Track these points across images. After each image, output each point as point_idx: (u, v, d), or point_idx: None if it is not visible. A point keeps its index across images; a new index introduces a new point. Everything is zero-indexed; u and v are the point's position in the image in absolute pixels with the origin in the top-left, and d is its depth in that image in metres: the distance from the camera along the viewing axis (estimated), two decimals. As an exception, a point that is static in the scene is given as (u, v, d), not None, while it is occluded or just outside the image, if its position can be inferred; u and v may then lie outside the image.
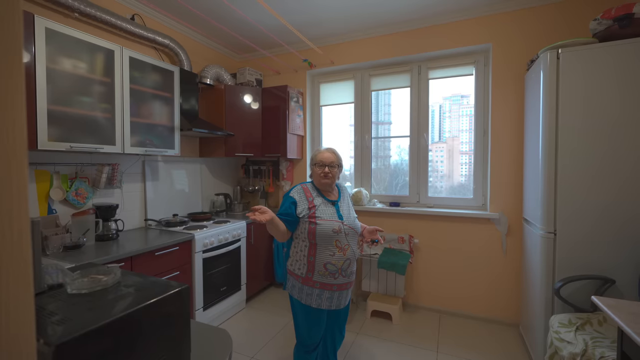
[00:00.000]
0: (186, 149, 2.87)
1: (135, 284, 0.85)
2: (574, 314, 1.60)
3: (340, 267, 1.45)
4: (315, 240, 1.42)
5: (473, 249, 2.54)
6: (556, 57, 1.75)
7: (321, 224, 1.43)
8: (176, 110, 2.34)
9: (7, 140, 0.39)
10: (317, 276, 1.44)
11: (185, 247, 2.15)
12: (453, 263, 2.61)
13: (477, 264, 2.53)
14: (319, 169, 1.53)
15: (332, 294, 1.45)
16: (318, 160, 1.55)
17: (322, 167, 1.53)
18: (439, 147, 2.87)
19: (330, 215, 1.47)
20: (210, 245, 2.32)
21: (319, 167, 1.53)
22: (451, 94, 2.85)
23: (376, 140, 3.10)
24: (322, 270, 1.43)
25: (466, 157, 2.76)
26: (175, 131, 2.33)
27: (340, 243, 1.45)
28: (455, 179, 2.83)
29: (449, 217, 2.59)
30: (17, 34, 0.40)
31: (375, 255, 2.65)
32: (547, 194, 1.77)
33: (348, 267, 1.48)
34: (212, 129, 2.60)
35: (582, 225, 1.69)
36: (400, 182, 2.99)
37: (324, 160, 1.55)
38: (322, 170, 1.53)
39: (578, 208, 1.70)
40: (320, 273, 1.43)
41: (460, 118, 2.80)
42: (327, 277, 1.43)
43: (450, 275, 2.62)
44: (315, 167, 1.55)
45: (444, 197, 2.76)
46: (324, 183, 1.52)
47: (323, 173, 1.53)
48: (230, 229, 2.54)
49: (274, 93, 3.00)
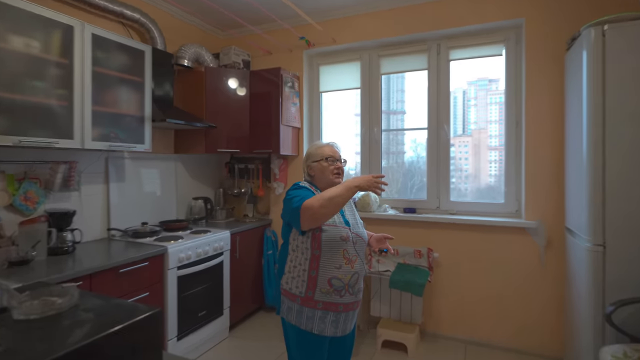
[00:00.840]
0: (159, 144, 2.87)
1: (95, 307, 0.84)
2: (629, 345, 1.59)
3: (348, 283, 1.46)
4: (319, 251, 1.44)
5: (505, 265, 2.53)
6: (601, 34, 1.75)
7: (328, 230, 1.45)
8: (147, 97, 2.33)
9: None
10: (319, 294, 1.44)
11: (156, 262, 2.14)
12: (481, 282, 2.60)
13: (509, 283, 2.52)
14: (329, 164, 1.57)
15: (337, 317, 1.45)
16: (327, 154, 1.59)
17: (334, 162, 1.58)
18: (463, 142, 2.87)
19: (337, 220, 1.50)
20: (187, 260, 2.32)
21: (331, 162, 1.58)
22: (477, 78, 2.86)
23: (387, 134, 3.11)
24: (326, 287, 1.44)
25: (496, 153, 2.76)
26: (145, 122, 2.32)
27: (347, 253, 1.47)
28: (483, 180, 2.83)
29: (476, 225, 2.60)
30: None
31: (387, 272, 2.64)
32: (593, 198, 1.76)
33: (356, 282, 1.49)
34: (189, 120, 2.61)
35: (636, 237, 1.68)
36: (417, 183, 2.99)
37: (334, 155, 1.60)
38: (336, 166, 1.57)
39: (632, 215, 1.69)
40: (323, 291, 1.44)
41: (487, 106, 2.81)
42: (331, 295, 1.44)
43: (477, 297, 2.61)
44: (321, 163, 1.58)
45: (469, 201, 2.76)
46: (337, 182, 1.54)
47: (337, 169, 1.57)
48: (211, 240, 2.53)
49: (265, 77, 3.01)
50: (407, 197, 3.02)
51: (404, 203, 2.94)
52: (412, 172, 3.05)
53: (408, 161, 3.08)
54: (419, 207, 2.87)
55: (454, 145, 2.84)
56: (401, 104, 3.16)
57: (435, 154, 2.83)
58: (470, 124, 2.88)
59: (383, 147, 3.08)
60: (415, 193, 3.01)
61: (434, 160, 2.83)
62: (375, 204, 2.91)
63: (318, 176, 1.59)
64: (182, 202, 3.07)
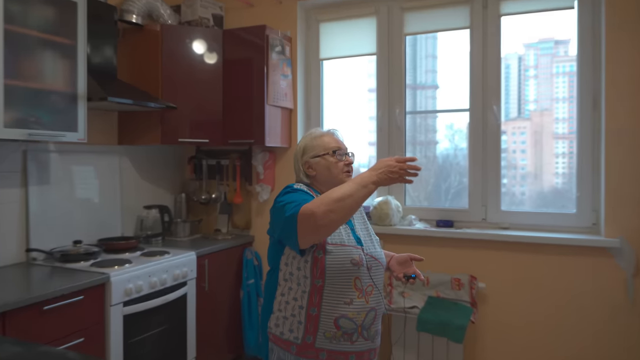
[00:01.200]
0: (97, 132, 2.84)
1: (12, 357, 0.83)
2: None
3: (361, 323, 1.46)
4: (322, 280, 1.44)
5: (578, 300, 2.51)
6: None
7: (334, 251, 1.46)
8: (80, 67, 2.31)
9: None
10: (322, 340, 1.44)
11: (94, 296, 2.12)
12: (544, 323, 2.57)
13: (585, 325, 2.50)
14: (336, 159, 1.60)
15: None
16: (333, 146, 1.61)
17: (341, 155, 1.61)
18: (519, 127, 2.85)
19: (345, 237, 1.51)
20: (137, 293, 2.31)
21: (338, 156, 1.60)
22: (538, 39, 2.83)
23: (413, 117, 3.08)
24: (332, 330, 1.44)
25: (564, 143, 2.74)
26: (78, 102, 2.31)
27: (360, 283, 1.47)
28: (546, 181, 2.80)
29: (537, 245, 2.59)
30: None
31: (414, 309, 2.61)
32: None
33: (372, 322, 1.49)
34: (139, 99, 2.60)
35: None
36: (454, 185, 2.97)
37: (341, 147, 1.63)
38: (346, 161, 1.61)
39: None
40: (328, 335, 1.44)
41: (553, 78, 2.78)
42: (339, 340, 1.44)
43: (539, 343, 2.59)
44: (326, 158, 1.60)
45: (528, 211, 2.75)
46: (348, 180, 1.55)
47: (347, 165, 1.60)
48: (170, 265, 2.52)
49: (244, 39, 2.99)
50: (440, 205, 2.98)
51: (437, 213, 2.91)
52: (448, 170, 3.04)
53: (442, 155, 3.07)
54: (457, 220, 2.85)
55: (505, 132, 2.82)
56: (432, 76, 3.15)
57: (480, 144, 2.82)
58: (528, 104, 2.87)
59: (407, 135, 3.06)
60: (452, 199, 2.99)
61: (478, 154, 2.82)
62: (397, 215, 2.89)
63: (322, 176, 1.60)
64: (129, 212, 3.04)
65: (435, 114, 3.07)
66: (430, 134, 3.13)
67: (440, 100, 3.07)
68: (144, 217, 3.05)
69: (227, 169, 3.32)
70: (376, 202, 2.93)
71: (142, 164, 3.17)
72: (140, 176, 3.16)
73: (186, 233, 3.18)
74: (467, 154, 2.88)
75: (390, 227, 2.85)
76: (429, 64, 3.17)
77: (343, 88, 3.30)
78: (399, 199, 3.00)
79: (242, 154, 3.29)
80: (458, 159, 2.99)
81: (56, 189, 2.60)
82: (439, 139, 3.09)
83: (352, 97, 3.29)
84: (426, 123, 3.13)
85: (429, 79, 3.15)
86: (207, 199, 3.32)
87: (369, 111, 3.20)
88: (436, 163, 3.06)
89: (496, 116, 2.79)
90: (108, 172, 2.91)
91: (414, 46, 3.11)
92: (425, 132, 3.12)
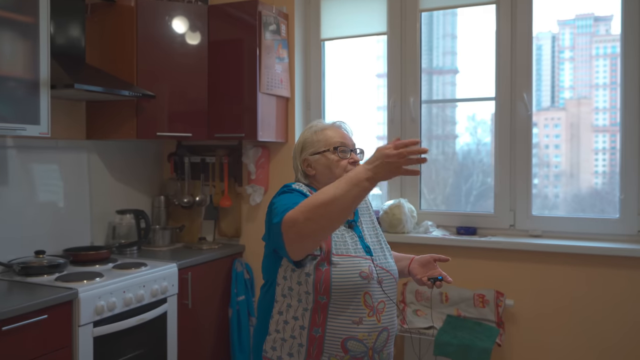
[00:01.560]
0: (62, 125, 2.83)
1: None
2: None
3: (373, 346, 1.47)
4: (327, 297, 1.44)
5: (625, 317, 2.50)
6: None
7: (340, 263, 1.46)
8: (43, 49, 2.31)
9: None
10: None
11: (60, 315, 2.11)
12: (586, 348, 2.55)
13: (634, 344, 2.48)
14: (339, 157, 1.60)
15: None
16: (336, 141, 1.62)
17: (345, 152, 1.61)
18: (552, 119, 2.84)
19: (352, 247, 1.52)
20: (109, 311, 2.31)
21: (341, 153, 1.61)
22: (575, 16, 2.81)
23: (429, 106, 3.06)
24: (339, 354, 1.45)
25: (605, 137, 2.73)
26: (40, 90, 2.30)
27: (371, 299, 1.48)
28: (584, 181, 2.78)
29: (574, 255, 2.57)
30: None
31: (430, 330, 2.59)
32: None
33: (385, 344, 1.50)
34: (111, 86, 2.59)
35: None
36: (476, 186, 2.97)
37: (346, 142, 1.63)
38: (350, 159, 1.61)
39: None
40: (333, 359, 1.45)
41: (592, 61, 2.77)
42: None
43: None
44: (327, 155, 1.61)
45: (563, 216, 2.74)
46: None
47: (352, 164, 1.60)
48: (147, 279, 2.52)
49: (233, 16, 2.98)
50: (461, 209, 2.98)
51: (457, 219, 2.90)
52: (470, 169, 3.03)
53: (463, 151, 3.07)
54: (481, 226, 2.84)
55: (537, 124, 2.81)
56: (451, 59, 3.14)
57: (507, 139, 2.81)
58: (563, 91, 2.86)
59: (423, 127, 3.06)
60: (475, 203, 2.98)
61: (505, 150, 2.81)
62: (411, 221, 2.88)
63: (322, 176, 1.61)
64: (100, 218, 3.04)
65: (455, 103, 3.08)
66: (449, 126, 3.12)
67: (460, 87, 3.06)
68: (116, 223, 3.03)
69: (214, 167, 3.30)
70: (386, 206, 2.91)
71: (115, 162, 3.15)
72: (113, 176, 3.14)
73: (166, 242, 3.17)
74: (493, 151, 2.87)
75: (403, 234, 2.84)
76: (447, 45, 3.16)
77: (348, 73, 3.28)
78: (413, 202, 2.99)
79: (231, 150, 3.27)
80: (481, 155, 2.99)
81: (14, 192, 2.59)
82: (458, 133, 3.08)
83: (359, 84, 3.28)
84: (444, 114, 3.13)
85: (447, 62, 3.15)
86: (190, 203, 3.29)
87: (378, 100, 3.20)
88: (455, 160, 3.06)
89: (527, 106, 2.77)
90: (75, 172, 2.90)
91: (430, 25, 3.10)
92: (443, 124, 3.13)
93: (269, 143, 3.20)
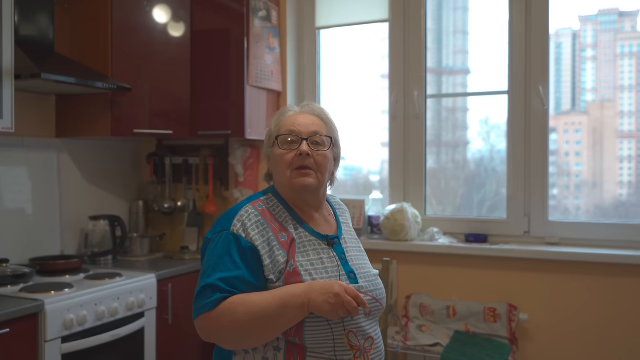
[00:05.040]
0: (29, 121, 2.79)
1: None
2: None
3: None
4: (300, 338, 1.33)
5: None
6: None
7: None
8: (6, 35, 2.28)
9: None
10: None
11: (23, 328, 2.11)
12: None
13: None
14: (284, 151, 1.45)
15: None
16: (285, 129, 1.48)
17: (290, 144, 1.45)
18: (573, 124, 2.84)
19: (332, 273, 1.41)
20: (80, 326, 2.29)
21: (284, 145, 1.46)
22: (597, 11, 2.83)
23: (437, 110, 3.07)
24: None
25: (631, 143, 2.73)
26: (3, 80, 2.28)
27: (356, 337, 1.38)
28: (608, 191, 2.78)
29: (595, 265, 2.57)
30: None
31: (436, 347, 2.59)
32: None
33: None
34: (84, 77, 2.58)
35: None
36: (489, 193, 2.98)
37: (296, 129, 1.46)
38: (295, 152, 1.44)
39: None
40: None
41: (617, 61, 2.77)
42: None
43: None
44: (275, 150, 1.49)
45: (584, 222, 2.77)
46: (302, 185, 1.44)
47: (298, 157, 1.43)
48: (122, 290, 2.52)
49: (218, 3, 3.03)
50: (471, 215, 3.03)
51: (466, 225, 2.92)
52: (482, 178, 3.04)
53: (474, 159, 3.06)
54: (492, 233, 2.85)
55: (556, 129, 2.82)
56: (462, 57, 3.14)
57: (522, 143, 2.81)
58: (585, 93, 2.86)
59: (429, 128, 3.03)
60: (487, 209, 3.06)
61: (519, 155, 2.82)
62: (415, 227, 2.89)
63: (275, 176, 1.52)
64: (71, 224, 3.04)
65: (466, 100, 3.10)
66: (460, 131, 3.14)
67: (472, 87, 3.11)
68: (89, 230, 3.04)
69: (197, 169, 3.31)
70: (388, 211, 2.91)
71: (88, 162, 3.14)
72: (85, 178, 3.13)
73: (144, 251, 3.16)
74: (507, 155, 2.89)
75: (407, 242, 2.85)
76: (457, 41, 3.20)
77: (347, 68, 3.31)
78: (418, 206, 3.00)
79: (216, 150, 3.28)
80: (495, 163, 3.00)
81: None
82: (470, 138, 3.09)
83: (361, 83, 3.30)
84: (454, 117, 3.17)
85: (458, 61, 3.19)
86: (171, 208, 3.30)
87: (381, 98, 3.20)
88: (467, 168, 3.08)
89: (543, 100, 2.75)
90: (43, 173, 2.89)
91: (439, 20, 3.11)
92: (453, 125, 3.15)
93: (258, 142, 3.18)
